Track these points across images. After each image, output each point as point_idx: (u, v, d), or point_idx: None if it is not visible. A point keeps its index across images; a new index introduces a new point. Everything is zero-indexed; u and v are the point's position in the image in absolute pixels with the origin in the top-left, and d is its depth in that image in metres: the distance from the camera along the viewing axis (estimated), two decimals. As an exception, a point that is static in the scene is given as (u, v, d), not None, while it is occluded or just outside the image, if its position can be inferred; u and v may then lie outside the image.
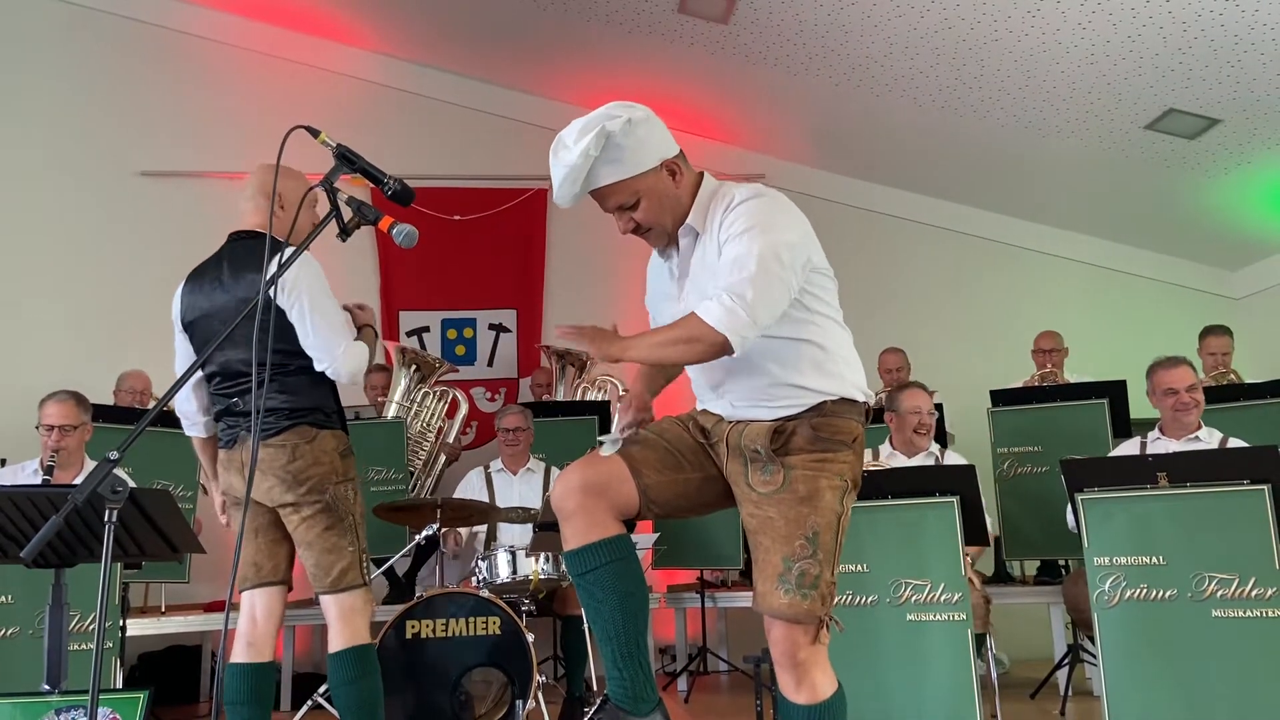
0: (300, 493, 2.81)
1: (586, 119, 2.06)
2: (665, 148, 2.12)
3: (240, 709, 2.84)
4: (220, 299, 2.86)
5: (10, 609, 3.22)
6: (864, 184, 7.10)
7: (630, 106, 2.08)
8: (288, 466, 2.80)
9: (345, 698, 2.87)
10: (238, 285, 2.83)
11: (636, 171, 2.08)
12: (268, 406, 2.79)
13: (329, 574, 2.86)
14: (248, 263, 2.84)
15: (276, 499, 2.83)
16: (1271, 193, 6.14)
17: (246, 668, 2.87)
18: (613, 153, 2.04)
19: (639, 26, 5.85)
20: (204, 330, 2.89)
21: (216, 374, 2.89)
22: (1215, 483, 3.03)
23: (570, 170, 2.05)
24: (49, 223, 6.30)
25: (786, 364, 2.09)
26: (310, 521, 2.82)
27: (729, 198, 2.10)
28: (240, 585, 2.92)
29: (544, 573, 4.02)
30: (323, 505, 2.83)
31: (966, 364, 6.38)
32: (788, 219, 2.09)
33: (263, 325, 2.54)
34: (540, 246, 6.79)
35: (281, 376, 2.82)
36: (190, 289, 2.95)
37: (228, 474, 2.92)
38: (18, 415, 4.58)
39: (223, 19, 6.66)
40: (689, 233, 2.16)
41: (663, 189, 2.12)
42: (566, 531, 2.09)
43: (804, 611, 2.01)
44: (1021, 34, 5.16)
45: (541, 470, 5.10)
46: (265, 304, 2.68)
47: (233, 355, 2.84)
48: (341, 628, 2.88)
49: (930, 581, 3.26)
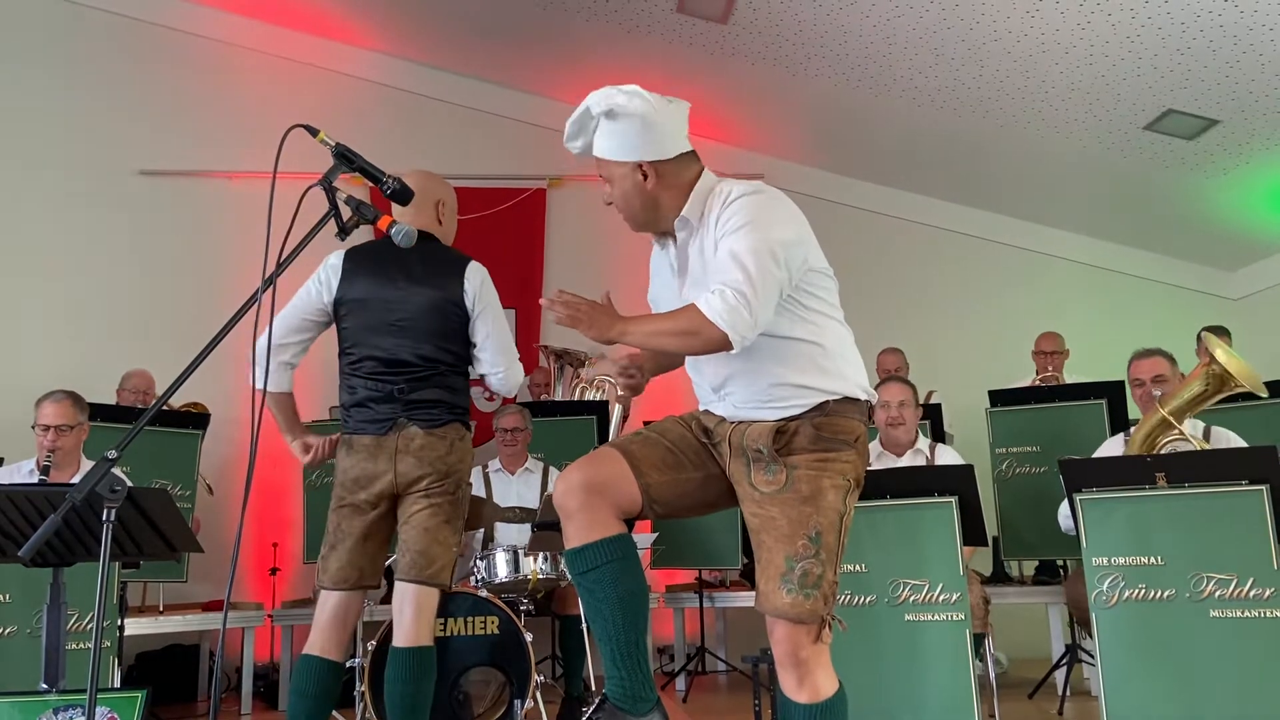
0: (442, 484, 2.96)
1: (614, 89, 2.11)
2: (648, 150, 2.13)
3: (309, 701, 2.90)
4: (401, 292, 3.01)
5: (8, 608, 3.21)
6: (862, 183, 7.10)
7: (639, 96, 2.10)
8: (445, 458, 2.97)
9: (401, 696, 2.92)
10: (426, 285, 3.03)
11: (610, 156, 2.15)
12: (433, 399, 2.98)
13: (430, 564, 2.95)
14: (438, 268, 3.07)
15: (409, 482, 2.93)
16: (1270, 193, 6.15)
17: (326, 663, 2.94)
18: (603, 127, 2.14)
19: (638, 26, 5.84)
20: (364, 313, 3.00)
21: (372, 359, 2.98)
22: (1213, 483, 3.03)
23: (572, 122, 2.16)
24: (48, 221, 6.29)
25: (788, 364, 2.09)
26: (435, 509, 2.95)
27: (726, 193, 2.11)
28: (337, 584, 2.96)
29: (542, 572, 4.02)
30: (453, 500, 3.00)
31: (966, 364, 6.38)
32: (785, 216, 2.09)
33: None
34: (539, 246, 6.79)
35: (451, 375, 3.03)
36: (360, 269, 3.05)
37: (372, 461, 2.95)
38: (16, 414, 4.57)
39: (222, 17, 6.66)
40: (685, 225, 2.17)
41: (629, 186, 2.16)
42: (568, 530, 2.09)
43: (806, 611, 2.01)
44: (1021, 34, 5.16)
45: (539, 470, 5.09)
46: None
47: (404, 345, 2.96)
48: (415, 623, 2.96)
49: (929, 581, 3.26)
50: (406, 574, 2.96)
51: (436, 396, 3.00)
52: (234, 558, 2.09)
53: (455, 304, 3.07)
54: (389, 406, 2.96)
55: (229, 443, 5.83)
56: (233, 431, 5.83)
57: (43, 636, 2.42)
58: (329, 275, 3.06)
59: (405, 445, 2.94)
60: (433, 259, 3.10)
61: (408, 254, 3.00)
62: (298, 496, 5.45)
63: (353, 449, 2.98)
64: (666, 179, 2.15)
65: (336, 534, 2.98)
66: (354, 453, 2.97)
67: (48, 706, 2.46)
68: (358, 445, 2.97)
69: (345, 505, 2.98)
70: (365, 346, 2.99)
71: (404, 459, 2.94)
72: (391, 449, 2.94)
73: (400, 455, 2.94)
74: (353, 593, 2.97)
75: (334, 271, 3.06)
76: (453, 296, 3.07)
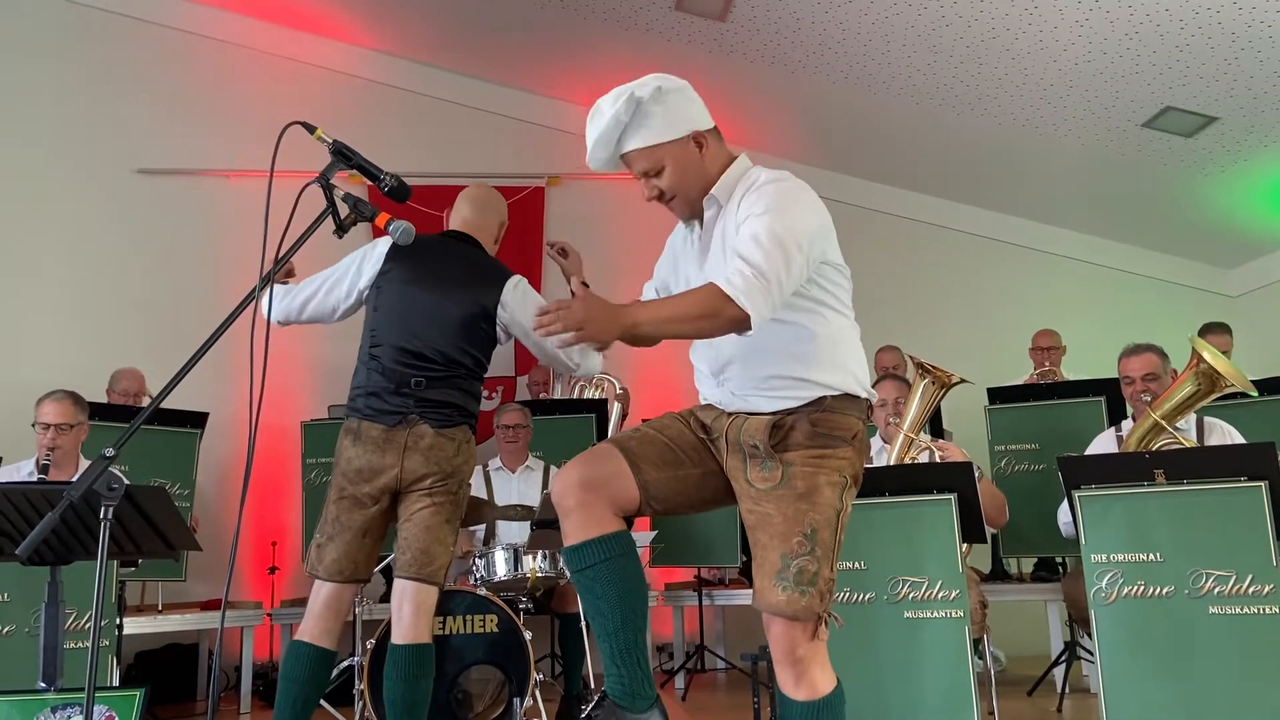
0: (445, 484, 2.98)
1: (623, 86, 2.10)
2: (696, 120, 2.16)
3: (299, 686, 2.89)
4: (438, 291, 3.03)
5: (6, 607, 3.21)
6: (860, 181, 7.10)
7: (664, 77, 2.13)
8: (452, 459, 2.99)
9: (400, 693, 2.93)
10: (463, 288, 3.06)
11: (662, 139, 2.12)
12: (447, 401, 3.00)
13: (431, 562, 2.96)
14: (480, 275, 3.11)
15: (414, 479, 2.94)
16: (1269, 190, 6.15)
17: (318, 650, 2.93)
18: (641, 119, 2.10)
19: (636, 24, 5.84)
20: (399, 303, 3.02)
21: (396, 349, 2.99)
22: (1212, 479, 3.03)
23: (602, 134, 2.11)
24: (47, 220, 6.28)
25: (792, 353, 2.09)
26: (437, 508, 2.97)
27: (754, 178, 2.13)
28: (331, 576, 2.95)
29: (542, 570, 4.02)
30: (454, 500, 3.02)
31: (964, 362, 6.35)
32: (809, 206, 2.11)
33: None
34: (537, 245, 6.78)
35: (468, 379, 3.06)
36: (403, 263, 3.07)
37: (380, 454, 2.94)
38: (14, 413, 4.57)
39: (220, 16, 6.65)
40: (713, 204, 2.17)
41: (687, 159, 2.15)
42: (566, 527, 2.09)
43: (802, 608, 2.00)
44: (1019, 31, 5.16)
45: (540, 468, 5.09)
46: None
47: (429, 342, 2.99)
48: (414, 620, 2.96)
49: (928, 579, 3.26)
50: (407, 571, 2.96)
51: (450, 399, 3.01)
52: (232, 556, 2.09)
53: (488, 312, 3.08)
54: (401, 399, 2.95)
55: (227, 441, 5.83)
56: (231, 430, 5.83)
57: (40, 635, 2.42)
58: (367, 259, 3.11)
59: (415, 442, 2.94)
60: (476, 264, 3.14)
61: (451, 256, 3.11)
62: (296, 495, 5.44)
63: (360, 438, 2.95)
64: (712, 148, 2.18)
65: (334, 525, 2.96)
66: (360, 442, 2.95)
67: (46, 705, 2.46)
68: (365, 435, 2.95)
69: (346, 497, 2.95)
70: (391, 335, 3.00)
71: (412, 456, 2.93)
72: (400, 444, 2.93)
73: (409, 452, 2.93)
74: (347, 586, 2.96)
75: (379, 258, 3.10)
76: (488, 304, 3.08)
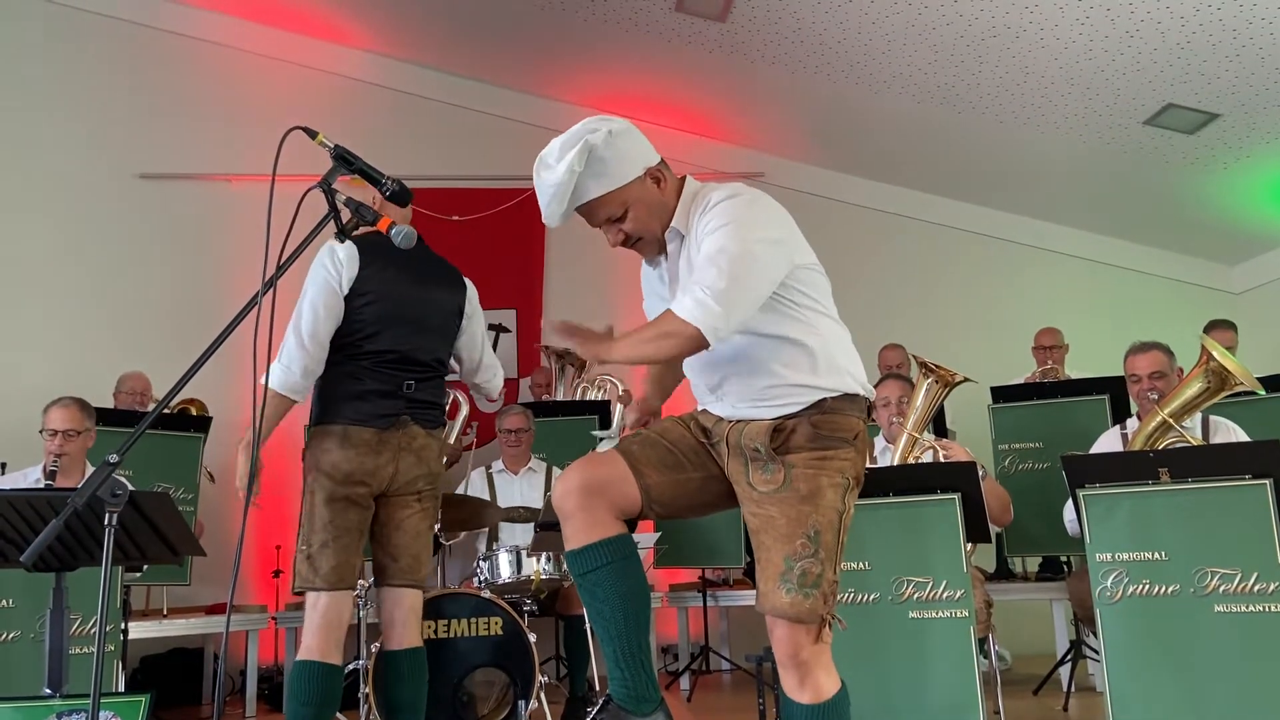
0: (432, 487, 3.01)
1: (566, 136, 2.06)
2: (647, 156, 2.13)
3: (312, 710, 2.77)
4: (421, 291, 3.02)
5: (11, 613, 3.21)
6: (862, 181, 7.09)
7: (608, 120, 2.10)
8: (438, 459, 3.03)
9: (406, 695, 2.94)
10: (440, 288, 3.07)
11: (622, 182, 2.09)
12: (433, 401, 3.02)
13: (421, 568, 2.99)
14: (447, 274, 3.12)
15: (406, 481, 2.94)
16: (1271, 187, 6.14)
17: (326, 668, 2.82)
18: (597, 166, 2.05)
19: (636, 25, 5.84)
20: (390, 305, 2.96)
21: (391, 352, 2.94)
22: (1217, 477, 3.02)
23: (557, 188, 2.04)
24: (48, 226, 6.30)
25: (784, 363, 2.09)
26: (424, 514, 2.99)
27: (707, 199, 2.10)
28: (334, 584, 2.86)
29: (546, 573, 4.01)
30: (436, 503, 3.05)
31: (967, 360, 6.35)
32: (765, 215, 2.09)
33: None
34: (539, 246, 6.79)
35: (440, 379, 3.07)
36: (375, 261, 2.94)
37: (374, 456, 2.87)
38: (17, 418, 4.58)
39: (220, 21, 6.66)
40: (675, 236, 2.16)
41: (649, 197, 2.12)
42: (567, 531, 2.09)
43: (806, 611, 2.00)
44: (1020, 29, 5.15)
45: (543, 470, 5.09)
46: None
47: (424, 345, 3.00)
48: (414, 624, 2.98)
49: (932, 579, 3.26)
50: (402, 579, 2.94)
51: (435, 399, 3.03)
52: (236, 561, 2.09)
53: (459, 310, 3.10)
54: (393, 402, 2.92)
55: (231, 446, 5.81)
56: (234, 434, 5.81)
57: (45, 641, 2.42)
58: (340, 269, 2.92)
59: (408, 443, 2.93)
60: (435, 263, 3.13)
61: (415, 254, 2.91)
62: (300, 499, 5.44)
63: (348, 442, 2.86)
64: (668, 181, 2.16)
65: (329, 529, 2.85)
66: (349, 446, 2.85)
67: (51, 711, 2.46)
68: (355, 439, 2.86)
69: (339, 499, 2.86)
70: (384, 339, 2.92)
71: (406, 457, 2.92)
72: (395, 445, 2.91)
73: (403, 453, 2.92)
74: (348, 592, 2.90)
75: (350, 262, 2.91)
76: (459, 302, 3.11)
